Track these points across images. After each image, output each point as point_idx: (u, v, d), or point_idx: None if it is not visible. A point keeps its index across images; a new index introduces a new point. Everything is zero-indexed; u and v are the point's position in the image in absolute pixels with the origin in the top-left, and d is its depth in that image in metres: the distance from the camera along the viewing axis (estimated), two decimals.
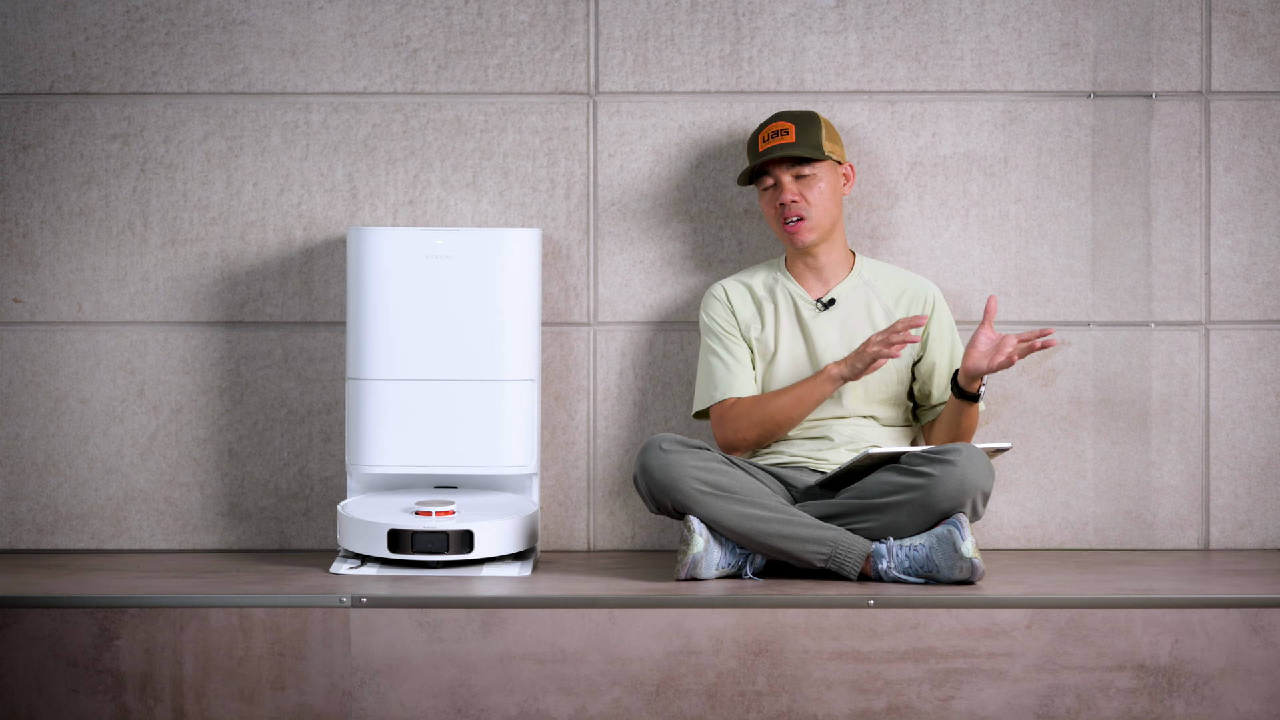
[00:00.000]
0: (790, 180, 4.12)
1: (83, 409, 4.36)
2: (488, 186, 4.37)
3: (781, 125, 4.13)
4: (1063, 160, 4.37)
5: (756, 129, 4.17)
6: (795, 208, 4.12)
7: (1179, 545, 4.40)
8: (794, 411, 4.09)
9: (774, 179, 4.13)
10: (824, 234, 4.15)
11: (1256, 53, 4.36)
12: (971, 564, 3.78)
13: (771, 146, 4.11)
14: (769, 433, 4.09)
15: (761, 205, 4.18)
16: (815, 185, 4.12)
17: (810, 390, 4.08)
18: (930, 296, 4.21)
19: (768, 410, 4.10)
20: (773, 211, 4.14)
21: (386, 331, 4.11)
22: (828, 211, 4.14)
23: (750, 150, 4.17)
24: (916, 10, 4.37)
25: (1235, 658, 3.68)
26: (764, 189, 4.15)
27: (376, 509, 4.07)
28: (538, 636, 3.67)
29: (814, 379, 4.07)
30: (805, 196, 4.12)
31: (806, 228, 4.12)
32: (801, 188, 4.12)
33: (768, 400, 4.11)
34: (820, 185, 4.12)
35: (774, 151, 4.10)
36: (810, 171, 4.12)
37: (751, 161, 4.14)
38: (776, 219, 4.14)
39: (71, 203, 4.36)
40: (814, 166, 4.12)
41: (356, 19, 4.36)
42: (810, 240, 4.13)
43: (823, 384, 4.07)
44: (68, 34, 4.35)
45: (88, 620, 3.68)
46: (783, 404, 4.09)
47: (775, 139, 4.12)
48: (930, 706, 3.67)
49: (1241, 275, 4.38)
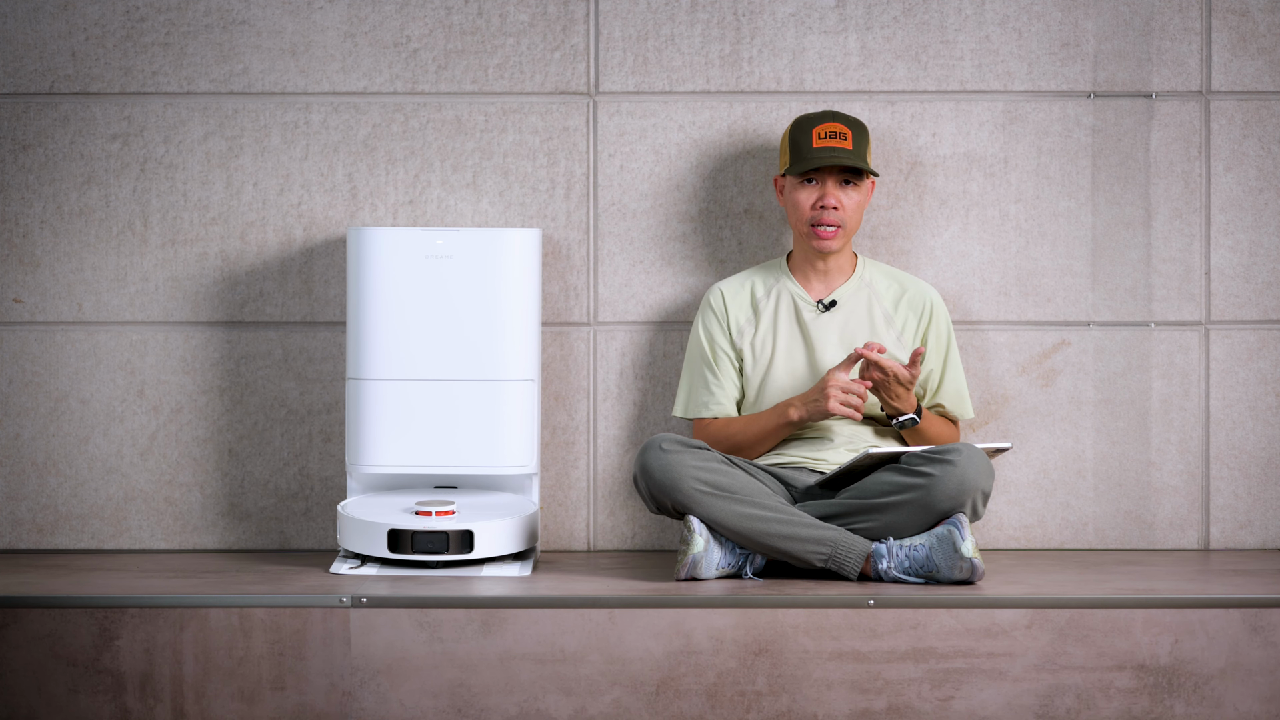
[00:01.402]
0: (835, 186, 4.10)
1: (83, 409, 4.36)
2: (488, 186, 4.37)
3: (839, 128, 4.09)
4: (1063, 160, 4.37)
5: (807, 120, 4.12)
6: (835, 215, 4.10)
7: (1179, 545, 4.40)
8: (758, 445, 4.13)
9: (819, 178, 4.11)
10: (842, 247, 4.15)
11: (1256, 53, 4.36)
12: (971, 564, 3.78)
13: (830, 148, 4.07)
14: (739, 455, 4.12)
15: (790, 198, 4.13)
16: (854, 197, 4.12)
17: (771, 429, 4.10)
18: (929, 300, 4.20)
19: (734, 440, 4.13)
20: (806, 212, 4.12)
21: (386, 331, 4.11)
22: (855, 224, 4.13)
23: (797, 143, 4.11)
24: (916, 10, 4.37)
25: (1235, 658, 3.68)
26: (804, 183, 4.13)
27: (376, 509, 4.07)
28: (538, 636, 3.67)
29: (774, 416, 4.08)
30: (844, 206, 4.10)
31: (836, 238, 4.11)
32: (843, 196, 4.11)
33: (736, 429, 4.12)
34: (857, 198, 4.12)
35: (833, 156, 4.06)
36: (855, 183, 4.11)
37: (801, 156, 4.08)
38: (807, 220, 4.12)
39: (71, 203, 4.36)
40: (859, 179, 4.11)
41: (356, 19, 4.36)
42: (834, 249, 4.13)
43: (782, 427, 4.08)
44: (68, 34, 4.35)
45: (88, 620, 3.68)
46: (747, 437, 4.12)
47: (833, 140, 4.08)
48: (930, 706, 3.67)
49: (1241, 275, 4.38)
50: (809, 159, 4.07)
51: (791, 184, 4.13)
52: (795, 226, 4.15)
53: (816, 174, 4.10)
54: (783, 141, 4.17)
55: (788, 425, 4.08)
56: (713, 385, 4.17)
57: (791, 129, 4.14)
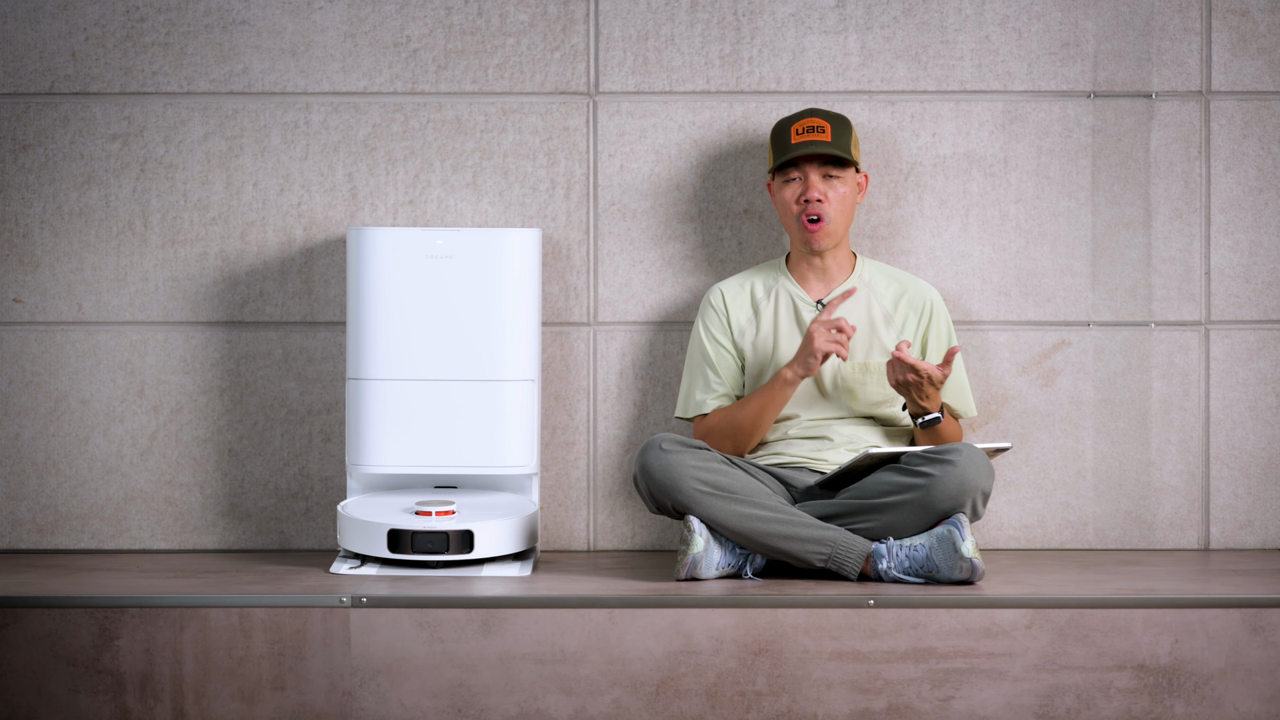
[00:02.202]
0: (818, 179, 4.12)
1: (83, 409, 4.36)
2: (488, 186, 4.37)
3: (817, 122, 4.12)
4: (1063, 160, 4.37)
5: (787, 120, 4.15)
6: (818, 207, 4.11)
7: (1179, 545, 4.40)
8: (760, 418, 4.10)
9: (801, 173, 4.12)
10: (837, 240, 4.15)
11: (1256, 53, 4.36)
12: (971, 564, 3.78)
13: (807, 141, 4.10)
14: (741, 443, 4.11)
15: (778, 198, 4.16)
16: (839, 189, 4.12)
17: (771, 396, 4.08)
18: (929, 300, 4.20)
19: (736, 422, 4.11)
20: (793, 207, 4.13)
21: (386, 331, 4.11)
22: (844, 217, 4.14)
23: (778, 141, 4.14)
24: (916, 10, 4.37)
25: (1235, 658, 3.68)
26: (788, 180, 4.14)
27: (376, 509, 4.07)
28: (538, 636, 3.67)
29: (772, 385, 4.07)
30: (828, 198, 4.11)
31: (825, 231, 4.12)
32: (827, 188, 4.12)
33: (735, 411, 4.11)
34: (843, 190, 4.12)
35: (810, 147, 4.09)
36: (838, 174, 4.12)
37: (782, 152, 4.11)
38: (795, 215, 4.13)
39: (71, 203, 4.36)
40: (842, 170, 4.12)
41: (356, 19, 4.36)
42: (825, 245, 4.13)
43: (781, 388, 4.07)
44: (68, 34, 4.35)
45: (88, 620, 3.68)
46: (749, 413, 4.10)
47: (811, 134, 4.10)
48: (930, 706, 3.67)
49: (1241, 275, 4.38)
50: (788, 151, 4.09)
51: (778, 184, 4.16)
52: (787, 226, 4.16)
53: (798, 170, 4.11)
54: (768, 144, 4.19)
55: (785, 386, 4.05)
56: (714, 384, 4.17)
57: (773, 130, 4.17)
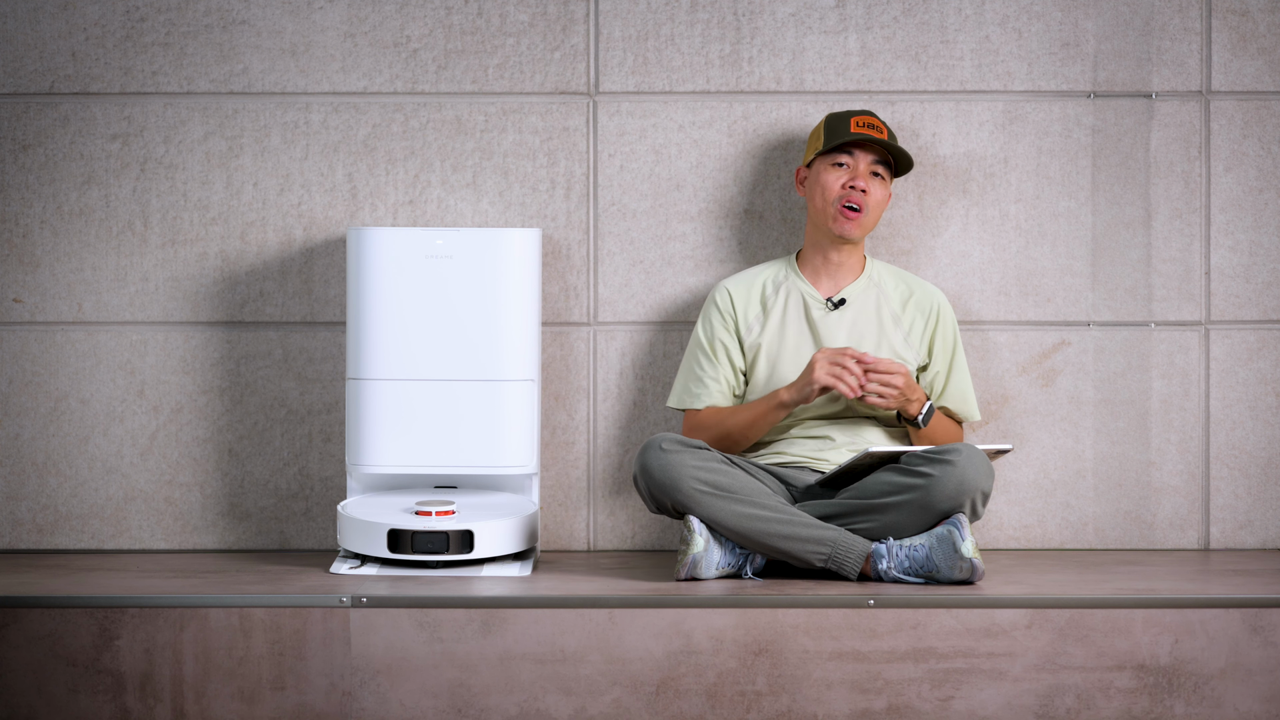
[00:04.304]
0: (867, 171, 4.12)
1: (83, 409, 4.36)
2: (488, 186, 4.37)
3: (877, 121, 4.14)
4: (1063, 160, 4.37)
5: (845, 112, 4.15)
6: (861, 197, 4.11)
7: (1179, 545, 4.40)
8: (749, 432, 4.11)
9: (852, 161, 4.13)
10: (862, 235, 4.15)
11: (1256, 53, 4.36)
12: (971, 564, 3.78)
13: (869, 133, 4.11)
14: (727, 447, 4.12)
15: (818, 181, 4.13)
16: (879, 191, 4.13)
17: (763, 416, 4.09)
18: (936, 303, 4.20)
19: (725, 428, 4.12)
20: (835, 190, 4.12)
21: (386, 331, 4.11)
22: (875, 217, 4.15)
23: (834, 127, 4.13)
24: (916, 10, 4.37)
25: (1235, 658, 3.68)
26: (835, 164, 4.13)
27: (376, 509, 4.07)
28: (538, 636, 3.67)
29: (766, 403, 4.08)
30: (870, 191, 4.12)
31: (858, 223, 4.12)
32: (870, 184, 4.12)
33: (727, 417, 4.12)
34: (881, 194, 4.14)
35: (871, 138, 4.10)
36: (884, 175, 4.13)
37: (839, 136, 4.10)
38: (834, 199, 4.12)
39: (71, 203, 4.36)
40: (887, 173, 4.14)
41: (356, 19, 4.36)
42: (854, 236, 4.13)
43: (774, 409, 4.07)
44: (68, 34, 4.35)
45: (88, 620, 3.68)
46: (738, 424, 4.11)
47: (871, 130, 4.12)
48: (930, 706, 3.67)
49: (1241, 275, 4.38)
50: (847, 135, 4.11)
51: (820, 167, 4.14)
52: (819, 211, 4.14)
53: (850, 157, 4.11)
54: (814, 132, 4.18)
55: (778, 407, 4.06)
56: (707, 378, 4.17)
57: (827, 118, 4.16)
